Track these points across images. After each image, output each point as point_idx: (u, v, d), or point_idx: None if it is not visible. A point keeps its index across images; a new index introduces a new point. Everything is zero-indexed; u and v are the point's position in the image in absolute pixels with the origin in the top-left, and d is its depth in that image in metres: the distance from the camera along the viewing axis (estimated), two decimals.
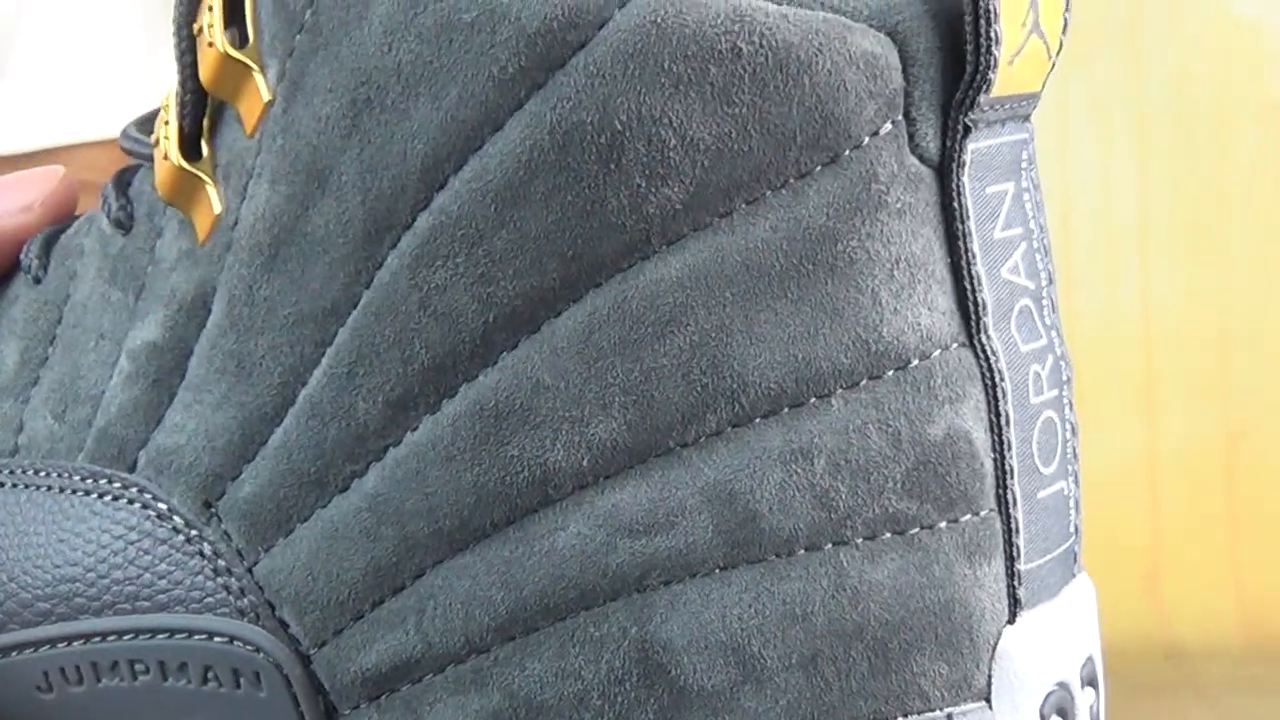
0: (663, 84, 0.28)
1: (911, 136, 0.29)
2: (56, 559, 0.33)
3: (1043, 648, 0.30)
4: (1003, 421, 0.30)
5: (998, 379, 0.29)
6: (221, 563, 0.31)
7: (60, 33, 0.62)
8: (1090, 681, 0.31)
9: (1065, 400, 0.31)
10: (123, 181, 0.35)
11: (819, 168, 0.28)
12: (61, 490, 0.33)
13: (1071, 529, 0.31)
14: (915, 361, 0.29)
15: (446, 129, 0.29)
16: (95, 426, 0.33)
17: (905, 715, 0.29)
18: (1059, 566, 0.31)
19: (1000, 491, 0.30)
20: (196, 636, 0.32)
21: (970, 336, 0.29)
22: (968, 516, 0.29)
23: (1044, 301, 0.31)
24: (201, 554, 0.32)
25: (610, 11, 0.28)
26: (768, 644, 0.29)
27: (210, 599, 0.32)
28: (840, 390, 0.29)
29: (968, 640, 0.29)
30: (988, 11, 0.28)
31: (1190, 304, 0.57)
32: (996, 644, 0.30)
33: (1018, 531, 0.30)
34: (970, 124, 0.29)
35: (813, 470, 0.29)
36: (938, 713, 0.29)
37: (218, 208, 0.32)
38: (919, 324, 0.29)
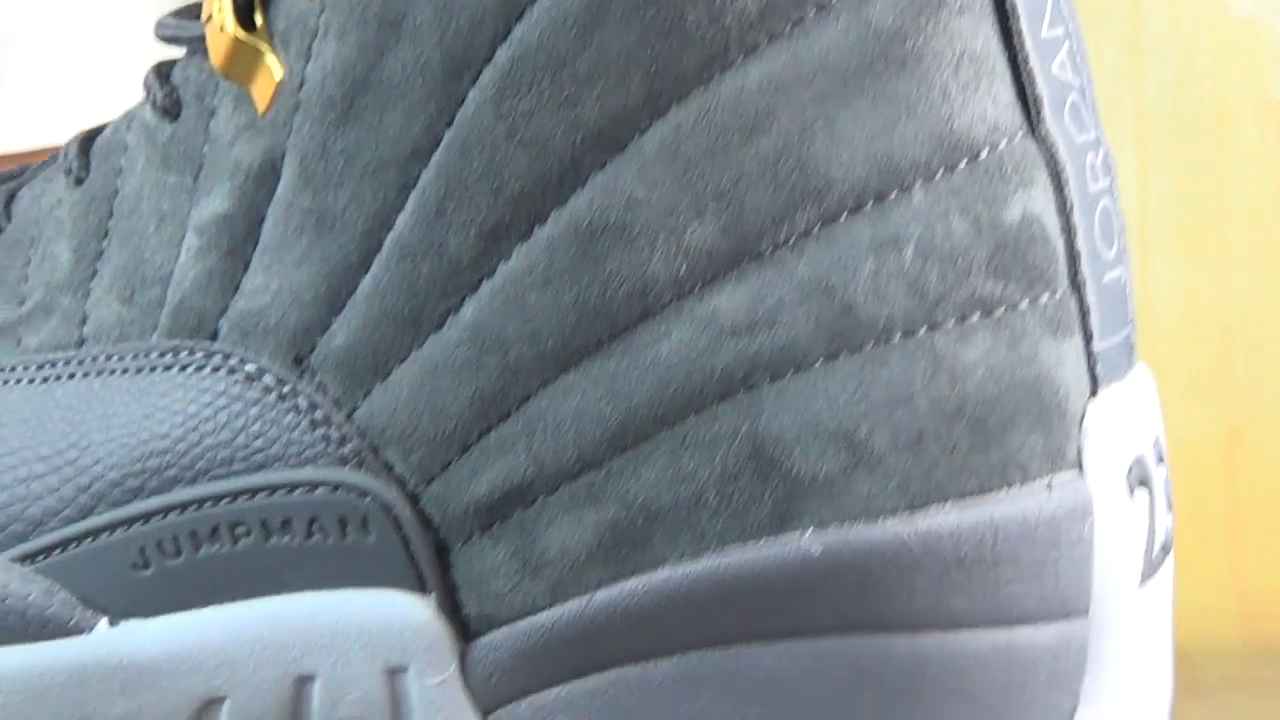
0: None
1: None
2: (142, 434, 0.33)
3: (1121, 422, 0.32)
4: (1068, 207, 0.31)
5: (1060, 167, 0.31)
6: (319, 414, 0.32)
7: (63, 29, 0.62)
8: (1160, 460, 0.33)
9: (1115, 192, 0.33)
10: (163, 73, 0.35)
11: None
12: (140, 370, 0.34)
13: (1130, 315, 0.33)
14: (985, 151, 0.30)
15: None
16: (169, 304, 0.34)
17: (1008, 486, 0.30)
18: (1124, 349, 0.32)
19: (1072, 273, 0.31)
20: (298, 490, 0.32)
21: (1032, 127, 0.31)
22: (1046, 296, 0.31)
23: (1088, 98, 0.32)
24: (296, 409, 0.32)
25: None
26: (875, 429, 0.30)
27: (310, 451, 0.32)
28: (919, 182, 0.30)
29: (1058, 414, 0.31)
30: None
31: (1189, 303, 0.57)
32: (1082, 418, 0.31)
33: (1089, 312, 0.31)
34: None
35: (902, 258, 0.30)
36: (1037, 482, 0.30)
37: (279, 74, 0.32)
38: (985, 116, 0.30)
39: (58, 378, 0.35)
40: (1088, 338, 0.31)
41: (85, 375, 0.34)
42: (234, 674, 0.33)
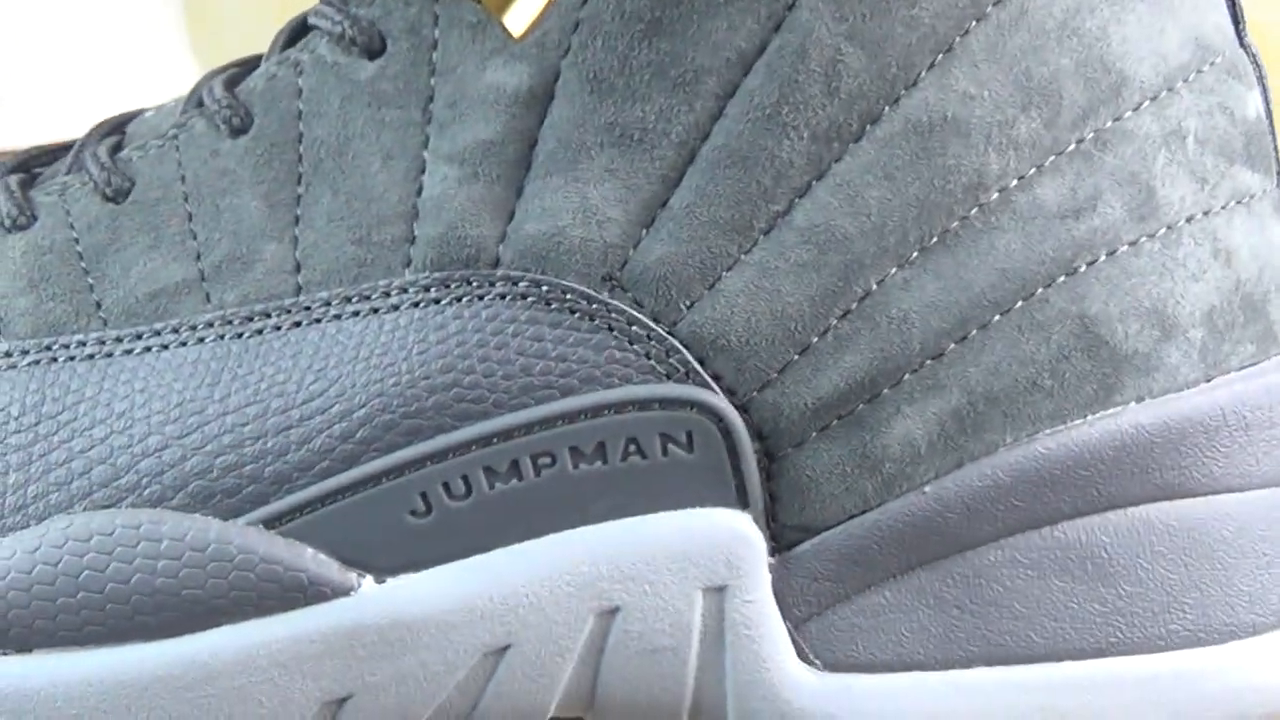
0: None
1: None
2: (417, 371, 0.31)
3: None
4: (1269, 107, 0.35)
5: (1262, 72, 0.35)
6: (638, 330, 0.31)
7: (81, 26, 0.58)
8: None
9: None
10: (338, 6, 0.34)
11: None
12: (395, 308, 0.32)
13: None
14: (1221, 56, 0.33)
15: None
16: (424, 237, 0.32)
17: (1269, 356, 0.33)
18: None
19: (1279, 165, 0.35)
20: (615, 411, 0.31)
21: (1239, 37, 0.34)
22: (1272, 184, 0.34)
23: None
24: (610, 328, 0.31)
25: None
26: (1179, 304, 0.32)
27: (626, 370, 0.31)
28: (1184, 81, 0.33)
29: None
30: None
31: None
32: None
33: None
34: None
35: (1185, 148, 0.33)
36: None
37: None
38: (1219, 24, 0.34)
39: (276, 328, 0.32)
40: None
41: (316, 321, 0.32)
42: (525, 618, 0.32)
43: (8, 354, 0.33)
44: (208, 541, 0.31)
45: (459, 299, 0.32)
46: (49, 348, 0.33)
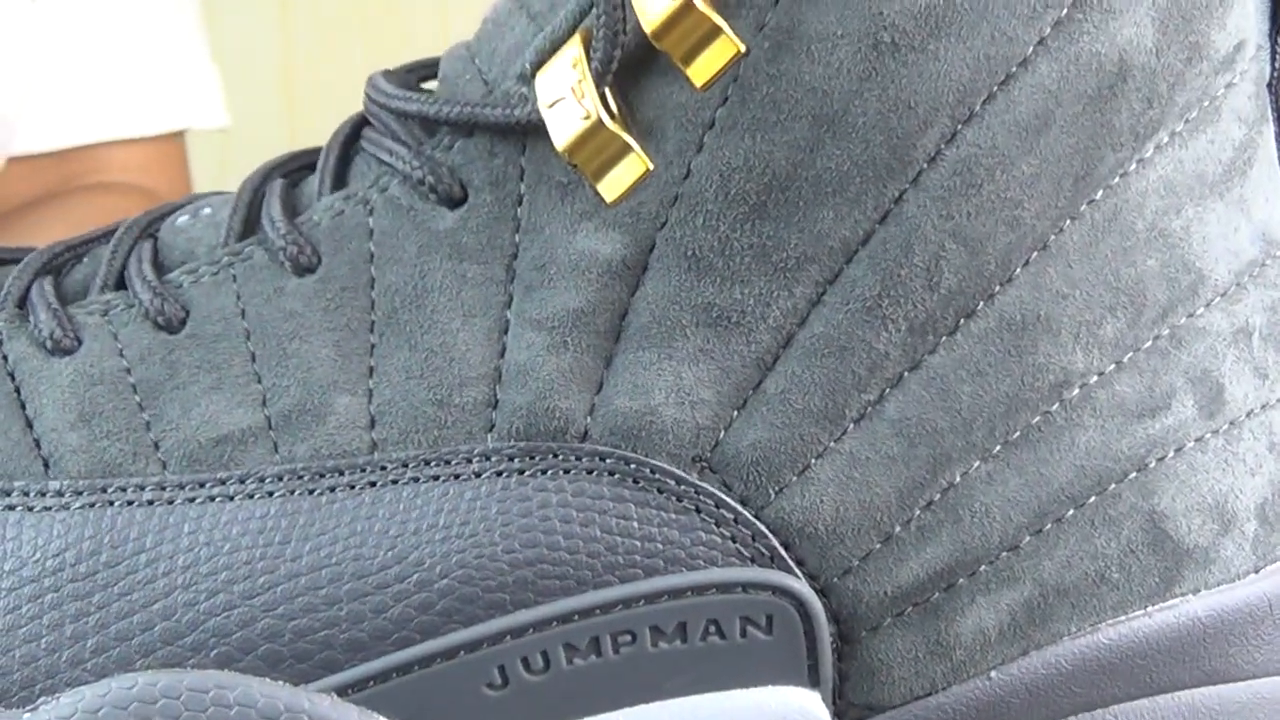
0: (1171, 35, 0.31)
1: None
2: (501, 545, 0.31)
3: None
4: None
5: None
6: (725, 514, 0.31)
7: (98, 29, 0.56)
8: None
9: None
10: (417, 151, 0.33)
11: (1232, 82, 0.33)
12: (479, 475, 0.31)
13: None
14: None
15: (977, 66, 0.31)
16: (509, 404, 0.32)
17: None
18: None
19: None
20: (700, 593, 0.31)
21: None
22: None
23: None
24: (698, 509, 0.31)
25: None
26: (1238, 499, 0.33)
27: (713, 552, 0.31)
28: (1250, 276, 0.34)
29: None
30: None
31: None
32: None
33: None
34: None
35: (1250, 345, 0.33)
36: None
37: (646, 165, 0.31)
38: (1278, 218, 0.34)
39: (350, 486, 0.32)
40: None
41: (392, 483, 0.32)
42: None
43: (59, 493, 0.32)
44: (278, 710, 0.30)
45: (543, 471, 0.31)
46: (104, 490, 0.32)
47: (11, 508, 0.32)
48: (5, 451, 0.33)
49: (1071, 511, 0.32)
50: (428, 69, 0.37)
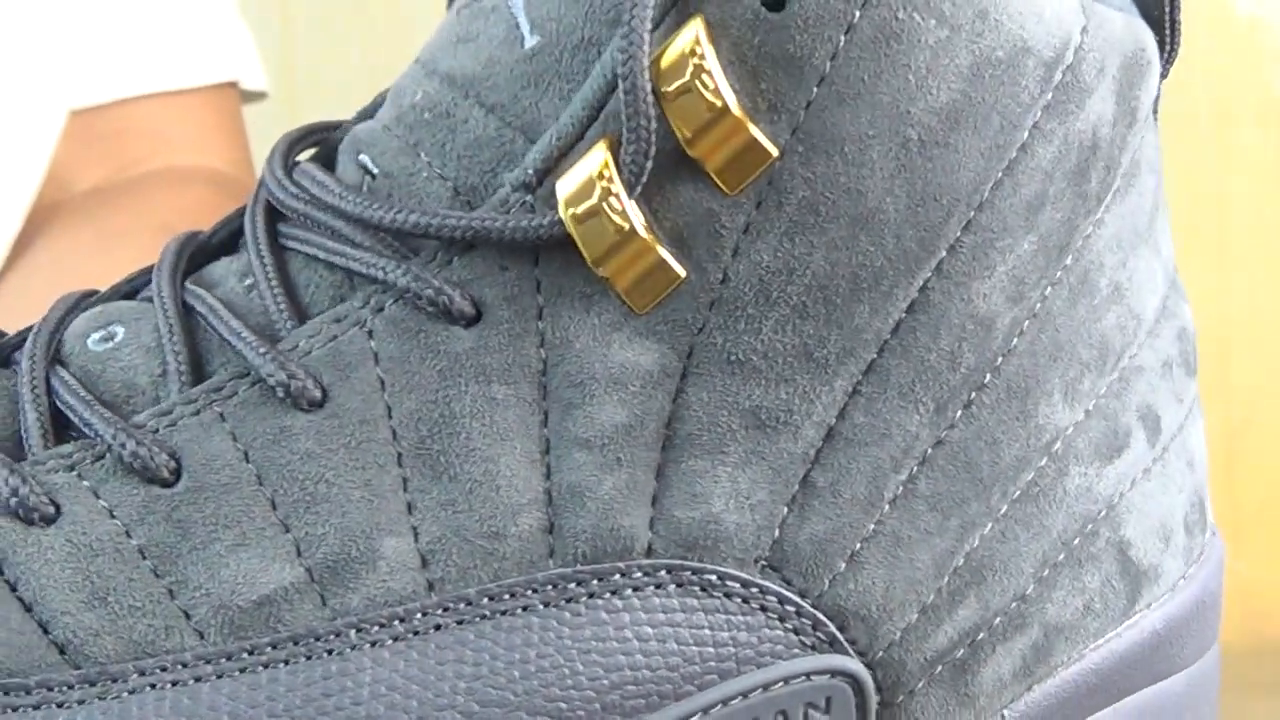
0: (1122, 104, 0.34)
1: None
2: (583, 674, 0.31)
3: None
4: None
5: None
6: (788, 608, 0.32)
7: None
8: None
9: None
10: (401, 267, 0.32)
11: (1145, 135, 0.35)
12: (546, 604, 0.31)
13: None
14: (1174, 278, 0.37)
15: (989, 155, 0.32)
16: (569, 529, 0.31)
17: (1207, 538, 0.38)
18: None
19: None
20: (769, 688, 0.32)
21: None
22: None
23: None
24: (763, 608, 0.32)
25: (1081, 35, 0.33)
26: (1173, 515, 0.36)
27: (779, 646, 0.32)
28: (1164, 310, 0.37)
29: None
30: None
31: (1190, 303, 0.60)
32: None
33: None
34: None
35: (1172, 373, 0.36)
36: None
37: (679, 274, 0.31)
38: (1171, 249, 0.37)
39: (414, 633, 0.31)
40: None
41: (459, 624, 0.31)
42: None
43: (90, 682, 0.29)
44: None
45: (612, 591, 0.31)
46: (143, 673, 0.30)
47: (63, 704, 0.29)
48: (7, 643, 0.30)
49: (1063, 555, 0.34)
50: (321, 133, 0.35)
